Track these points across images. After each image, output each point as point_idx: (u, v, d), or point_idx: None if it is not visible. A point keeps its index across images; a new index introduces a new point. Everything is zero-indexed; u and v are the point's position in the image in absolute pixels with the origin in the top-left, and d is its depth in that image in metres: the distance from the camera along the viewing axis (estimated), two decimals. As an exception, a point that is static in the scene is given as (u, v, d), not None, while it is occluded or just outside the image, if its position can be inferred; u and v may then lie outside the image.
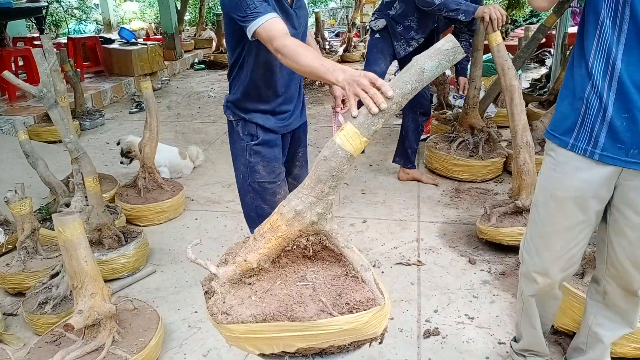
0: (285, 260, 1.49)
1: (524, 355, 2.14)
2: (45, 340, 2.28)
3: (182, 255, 3.22)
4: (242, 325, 1.28)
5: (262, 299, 1.33)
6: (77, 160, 2.76)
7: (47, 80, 2.69)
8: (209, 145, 5.25)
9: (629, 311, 1.84)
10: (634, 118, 1.46)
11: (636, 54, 1.42)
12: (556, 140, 1.67)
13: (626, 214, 1.62)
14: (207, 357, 2.36)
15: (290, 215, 1.35)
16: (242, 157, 2.32)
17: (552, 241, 1.75)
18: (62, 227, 2.02)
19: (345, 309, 1.29)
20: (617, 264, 1.73)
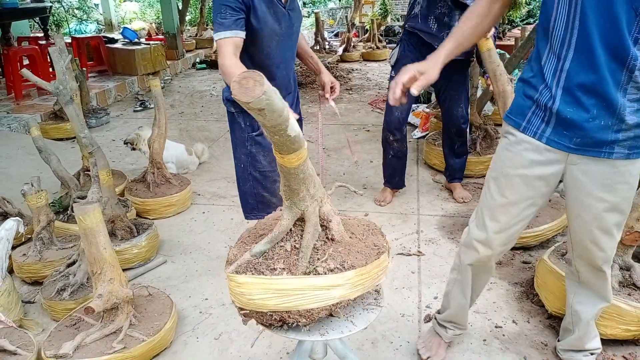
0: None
1: (445, 327, 2.30)
2: (64, 324, 2.40)
3: (191, 246, 3.34)
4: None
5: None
6: (91, 154, 2.88)
7: (63, 77, 2.81)
8: (213, 143, 5.37)
9: (601, 286, 1.98)
10: (577, 112, 1.60)
11: (583, 57, 1.54)
12: (511, 122, 1.81)
13: (578, 197, 1.76)
14: (218, 340, 2.48)
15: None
16: (244, 147, 2.44)
17: (498, 214, 1.89)
18: (83, 216, 2.14)
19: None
20: (579, 244, 1.88)
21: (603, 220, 1.76)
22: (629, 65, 1.50)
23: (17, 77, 6.34)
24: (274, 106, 1.10)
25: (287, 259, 1.46)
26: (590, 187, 1.72)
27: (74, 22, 13.35)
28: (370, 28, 10.60)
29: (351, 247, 1.52)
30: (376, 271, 1.51)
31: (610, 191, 1.70)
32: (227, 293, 2.82)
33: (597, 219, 1.77)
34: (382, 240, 1.57)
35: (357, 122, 6.07)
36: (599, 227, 1.78)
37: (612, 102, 1.55)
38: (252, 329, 2.53)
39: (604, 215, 1.75)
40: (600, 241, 1.81)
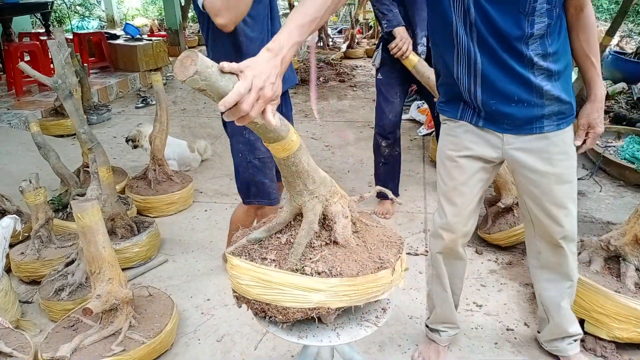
0: None
1: (438, 330, 2.25)
2: (62, 326, 2.33)
3: (193, 245, 3.27)
4: None
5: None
6: (91, 150, 2.81)
7: (62, 72, 2.73)
8: (216, 140, 5.30)
9: (562, 264, 2.00)
10: (501, 103, 1.71)
11: (490, 51, 1.64)
12: (446, 113, 1.91)
13: (523, 173, 1.84)
14: (221, 342, 2.41)
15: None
16: (241, 135, 2.40)
17: (453, 197, 1.95)
18: (81, 213, 2.07)
19: None
20: (536, 221, 1.93)
21: (553, 194, 1.83)
22: (527, 58, 1.63)
23: (17, 73, 6.27)
24: (215, 87, 1.06)
25: (280, 252, 1.42)
26: (532, 163, 1.80)
27: (76, 18, 13.27)
28: (374, 25, 10.51)
29: (351, 255, 1.42)
30: (370, 286, 1.39)
31: (551, 163, 1.78)
32: (230, 294, 2.75)
33: (546, 194, 1.83)
34: (392, 256, 1.45)
35: (361, 119, 5.98)
36: (551, 201, 1.84)
37: (528, 84, 1.67)
38: (255, 331, 2.46)
39: (553, 189, 1.82)
40: (556, 215, 1.86)
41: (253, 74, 1.11)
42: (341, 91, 7.39)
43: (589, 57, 1.75)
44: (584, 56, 1.76)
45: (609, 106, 5.65)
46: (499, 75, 1.67)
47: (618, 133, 4.72)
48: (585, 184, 3.97)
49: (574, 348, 2.18)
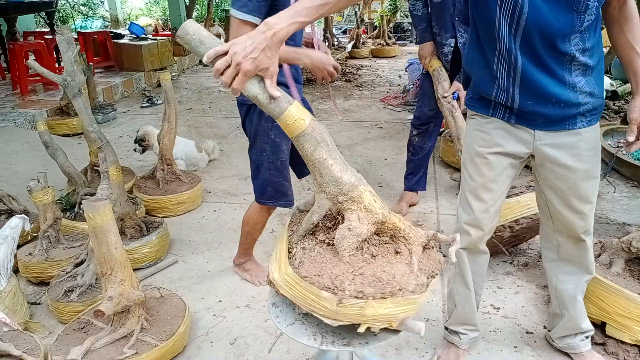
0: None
1: (458, 332, 2.21)
2: (72, 328, 2.28)
3: (203, 245, 3.22)
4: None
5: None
6: (100, 149, 2.76)
7: (72, 69, 2.69)
8: (223, 139, 5.25)
9: (582, 257, 1.99)
10: (537, 103, 1.69)
11: (533, 52, 1.63)
12: (476, 109, 1.89)
13: (551, 168, 1.82)
14: (234, 345, 2.36)
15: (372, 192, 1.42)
16: (267, 136, 2.40)
17: (480, 193, 1.92)
18: (93, 213, 2.02)
19: None
20: (559, 216, 1.91)
21: (579, 189, 1.82)
22: (569, 55, 1.61)
23: (22, 72, 6.24)
24: (196, 52, 1.22)
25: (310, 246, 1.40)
26: (562, 159, 1.78)
27: (79, 18, 13.24)
28: (379, 24, 10.46)
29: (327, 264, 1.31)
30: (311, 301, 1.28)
31: (581, 159, 1.77)
32: (242, 295, 2.71)
33: (573, 189, 1.82)
34: (372, 291, 1.22)
35: (369, 118, 5.94)
36: (577, 196, 1.83)
37: (565, 84, 1.65)
38: (269, 334, 2.41)
39: (580, 184, 1.81)
40: (581, 209, 1.86)
41: (234, 50, 1.18)
42: (347, 91, 7.34)
43: (634, 47, 1.69)
44: (629, 48, 1.70)
45: (619, 106, 5.60)
46: (540, 76, 1.65)
47: (630, 133, 4.66)
48: (599, 184, 3.90)
49: (587, 344, 2.16)
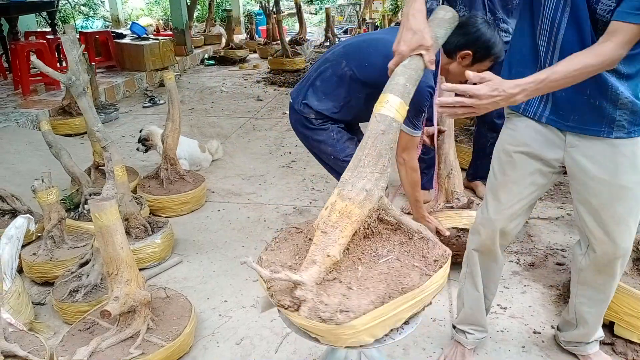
0: (352, 246, 1.39)
1: (465, 332, 2.18)
2: (78, 328, 2.27)
3: (207, 245, 3.21)
4: (365, 315, 1.18)
5: (363, 286, 1.25)
6: (105, 148, 2.75)
7: (76, 68, 2.67)
8: (226, 139, 5.24)
9: (605, 285, 1.91)
10: (573, 94, 1.61)
11: (575, 34, 1.54)
12: (511, 106, 1.75)
13: (583, 180, 1.73)
14: (240, 345, 2.35)
15: (362, 197, 1.30)
16: (339, 143, 2.61)
17: (499, 192, 1.87)
18: (99, 213, 2.00)
19: (437, 265, 1.30)
20: (591, 237, 1.81)
21: (613, 208, 1.71)
22: None
23: (24, 72, 6.22)
24: None
25: None
26: (595, 171, 1.69)
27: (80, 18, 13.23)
28: (380, 24, 10.45)
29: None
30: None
31: (616, 174, 1.66)
32: (247, 295, 2.70)
33: (606, 206, 1.71)
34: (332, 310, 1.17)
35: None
36: (610, 215, 1.72)
37: (604, 82, 1.56)
38: (275, 334, 2.40)
39: (614, 202, 1.70)
40: (613, 231, 1.74)
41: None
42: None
43: None
44: None
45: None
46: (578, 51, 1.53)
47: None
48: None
49: (593, 347, 2.14)
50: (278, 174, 4.31)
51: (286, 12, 12.87)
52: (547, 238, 3.15)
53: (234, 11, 11.24)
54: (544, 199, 3.62)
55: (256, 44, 10.20)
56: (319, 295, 1.21)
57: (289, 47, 8.43)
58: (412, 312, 1.29)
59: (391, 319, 1.24)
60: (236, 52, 9.38)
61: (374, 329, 1.21)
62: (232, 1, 12.59)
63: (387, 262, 1.33)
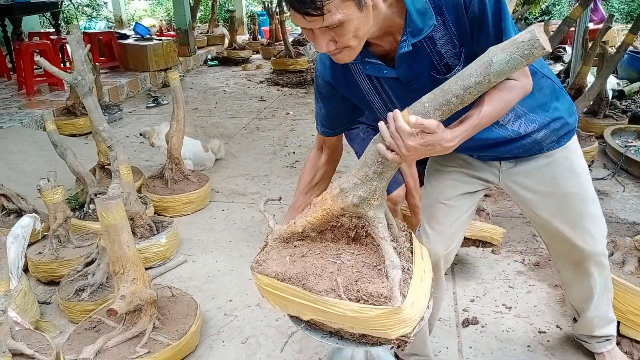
0: (331, 236, 1.49)
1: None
2: (84, 327, 2.27)
3: (212, 245, 3.21)
4: (266, 277, 1.35)
5: (293, 262, 1.37)
6: (111, 148, 2.76)
7: (82, 68, 2.68)
8: (229, 139, 5.25)
9: (585, 285, 1.88)
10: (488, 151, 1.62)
11: None
12: None
13: (526, 197, 1.71)
14: (245, 344, 2.35)
15: (335, 192, 1.36)
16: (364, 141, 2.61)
17: (436, 214, 1.78)
18: (105, 212, 2.01)
19: (354, 296, 1.25)
20: (552, 244, 1.83)
21: (563, 216, 1.70)
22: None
23: (28, 72, 6.24)
24: None
25: None
26: (536, 185, 1.67)
27: (83, 19, 13.26)
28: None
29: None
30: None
31: (557, 184, 1.66)
32: (252, 294, 2.71)
33: (556, 216, 1.70)
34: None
35: (375, 118, 5.92)
36: (564, 222, 1.71)
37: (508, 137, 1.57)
38: (280, 333, 2.41)
39: (562, 210, 1.69)
40: (570, 237, 1.72)
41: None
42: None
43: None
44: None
45: (626, 105, 5.58)
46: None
47: (638, 132, 4.65)
48: (608, 184, 3.90)
49: (605, 346, 2.09)
50: (282, 174, 4.31)
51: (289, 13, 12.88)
52: (552, 238, 3.16)
53: (236, 12, 11.24)
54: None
55: (259, 45, 10.21)
56: (274, 247, 1.46)
57: (291, 48, 8.44)
58: (316, 316, 1.33)
59: (291, 303, 1.35)
60: (239, 53, 9.39)
61: (275, 297, 1.37)
62: (235, 2, 12.60)
63: (330, 262, 1.38)
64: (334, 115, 1.69)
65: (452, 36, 1.32)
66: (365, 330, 1.31)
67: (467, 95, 1.17)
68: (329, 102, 1.65)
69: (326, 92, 1.63)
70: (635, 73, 6.35)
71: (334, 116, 1.69)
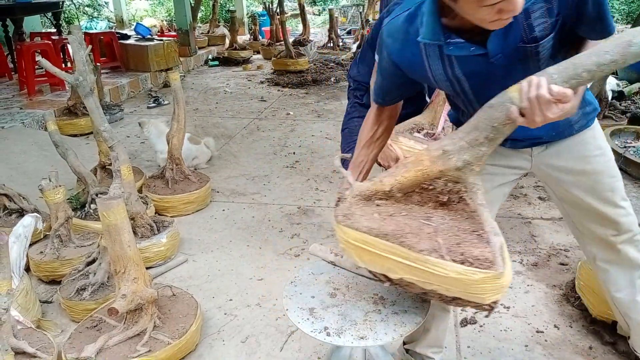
0: (418, 198, 1.44)
1: (425, 356, 2.10)
2: (85, 326, 2.29)
3: (212, 245, 3.23)
4: (356, 232, 1.31)
5: (383, 219, 1.33)
6: (112, 148, 2.78)
7: (83, 69, 2.70)
8: (230, 139, 5.27)
9: (623, 257, 1.82)
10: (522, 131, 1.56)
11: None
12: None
13: (559, 178, 1.73)
14: (245, 343, 2.37)
15: (437, 153, 1.31)
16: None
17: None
18: (107, 212, 2.03)
19: (458, 258, 1.23)
20: (584, 226, 1.82)
21: (595, 193, 1.71)
22: None
23: (30, 72, 6.25)
24: None
25: None
26: (567, 164, 1.70)
27: (84, 19, 13.28)
28: (384, 25, 10.44)
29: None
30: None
31: (587, 162, 1.69)
32: (252, 294, 2.73)
33: (589, 193, 1.71)
34: None
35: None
36: (596, 198, 1.72)
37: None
38: (280, 332, 2.42)
39: (595, 187, 1.71)
40: (605, 212, 1.73)
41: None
42: (353, 91, 7.34)
43: None
44: None
45: (625, 106, 5.59)
46: None
47: (637, 133, 4.66)
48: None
49: None
50: (282, 174, 4.33)
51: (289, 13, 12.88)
52: (550, 238, 3.17)
53: (237, 12, 11.26)
54: (546, 199, 3.63)
55: (260, 45, 10.22)
56: (357, 204, 1.41)
57: (292, 48, 8.46)
58: (410, 276, 1.29)
59: (382, 260, 1.31)
60: (240, 53, 9.41)
61: (362, 252, 1.34)
62: (236, 2, 12.61)
63: (424, 223, 1.33)
64: (390, 90, 1.69)
65: (551, 5, 1.34)
66: (461, 294, 1.28)
67: (598, 71, 1.18)
68: (389, 77, 1.64)
69: (388, 67, 1.61)
70: (635, 74, 6.36)
71: (390, 90, 1.69)
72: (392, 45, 1.53)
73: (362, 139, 1.74)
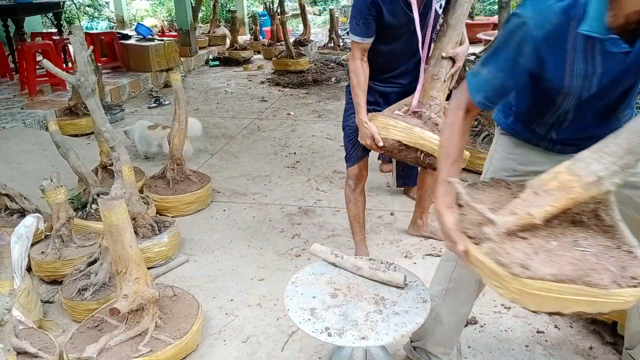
0: (556, 221, 1.39)
1: (433, 354, 2.08)
2: (86, 326, 2.30)
3: (213, 245, 3.24)
4: (539, 282, 1.21)
5: (550, 258, 1.26)
6: (113, 149, 2.78)
7: (85, 69, 2.71)
8: (231, 139, 5.27)
9: None
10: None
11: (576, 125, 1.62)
12: (505, 128, 1.81)
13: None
14: (246, 343, 2.37)
15: (590, 180, 1.27)
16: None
17: None
18: (108, 212, 2.04)
19: (632, 283, 1.20)
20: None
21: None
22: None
23: (31, 72, 6.27)
24: None
25: None
26: None
27: (85, 19, 13.29)
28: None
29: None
30: None
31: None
32: (253, 294, 2.73)
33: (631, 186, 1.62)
34: None
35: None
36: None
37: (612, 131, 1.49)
38: (281, 332, 2.43)
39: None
40: None
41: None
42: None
43: None
44: None
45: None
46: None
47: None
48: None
49: None
50: (283, 175, 4.33)
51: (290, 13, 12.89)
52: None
53: (238, 12, 11.27)
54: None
55: (260, 45, 10.23)
56: (504, 242, 1.28)
57: (293, 48, 8.47)
58: (581, 308, 1.25)
59: (560, 301, 1.23)
60: (240, 53, 9.42)
61: (540, 299, 1.23)
62: (237, 2, 12.62)
63: (584, 252, 1.29)
64: (509, 88, 1.57)
65: None
66: (607, 310, 1.26)
67: None
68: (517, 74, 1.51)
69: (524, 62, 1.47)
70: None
71: (507, 89, 1.57)
72: (542, 38, 1.41)
73: (451, 154, 1.57)
